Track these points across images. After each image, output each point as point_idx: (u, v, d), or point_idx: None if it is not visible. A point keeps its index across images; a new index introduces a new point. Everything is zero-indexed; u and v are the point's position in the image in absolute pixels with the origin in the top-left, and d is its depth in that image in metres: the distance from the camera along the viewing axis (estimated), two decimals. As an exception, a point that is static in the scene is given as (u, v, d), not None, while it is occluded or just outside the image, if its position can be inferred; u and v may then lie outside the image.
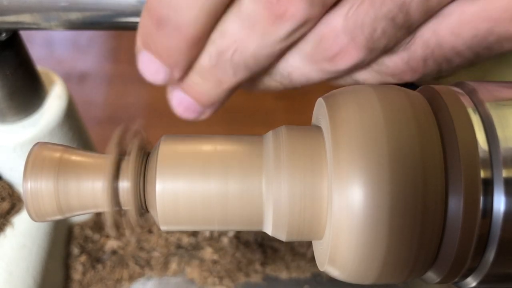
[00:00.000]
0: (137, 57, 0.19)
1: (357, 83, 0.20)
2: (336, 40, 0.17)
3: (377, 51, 0.17)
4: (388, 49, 0.17)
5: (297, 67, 0.18)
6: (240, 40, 0.17)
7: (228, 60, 0.18)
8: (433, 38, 0.17)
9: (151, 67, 0.18)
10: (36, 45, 1.30)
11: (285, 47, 0.17)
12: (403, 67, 0.18)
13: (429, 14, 0.16)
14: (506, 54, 0.18)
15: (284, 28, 0.16)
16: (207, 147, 0.16)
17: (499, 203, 0.14)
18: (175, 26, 0.16)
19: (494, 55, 0.17)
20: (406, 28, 0.16)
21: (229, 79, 0.18)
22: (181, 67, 0.18)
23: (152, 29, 0.17)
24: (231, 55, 0.17)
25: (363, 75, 0.19)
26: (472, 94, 0.15)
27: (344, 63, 0.17)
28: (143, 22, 0.18)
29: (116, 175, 0.16)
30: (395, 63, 0.18)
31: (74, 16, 0.20)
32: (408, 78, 0.19)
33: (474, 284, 0.15)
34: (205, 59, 0.18)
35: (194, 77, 0.19)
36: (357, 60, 0.17)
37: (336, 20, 0.16)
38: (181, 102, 0.20)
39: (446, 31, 0.17)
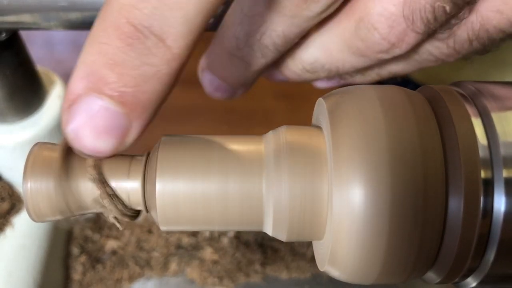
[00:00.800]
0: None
1: (395, 75, 0.20)
2: (393, 30, 0.16)
3: (431, 34, 0.17)
4: (442, 30, 0.17)
5: (347, 61, 0.18)
6: (269, 21, 0.17)
7: (257, 41, 0.17)
8: (478, 19, 0.16)
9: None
10: (36, 45, 1.30)
11: (314, 24, 0.17)
12: (449, 51, 0.18)
13: None
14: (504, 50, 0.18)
15: (316, 7, 0.16)
16: (207, 147, 0.16)
17: (500, 203, 0.14)
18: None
19: None
20: (467, 3, 0.16)
21: (257, 61, 0.18)
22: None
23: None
24: (260, 37, 0.17)
25: (403, 66, 0.19)
26: (472, 94, 0.15)
27: (397, 50, 0.17)
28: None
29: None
30: (440, 50, 0.18)
31: (74, 16, 0.20)
32: (451, 60, 0.18)
33: (474, 284, 0.15)
34: (233, 42, 0.18)
35: (222, 60, 0.19)
36: (412, 46, 0.17)
37: (390, 8, 0.16)
38: (211, 83, 0.20)
39: (491, 10, 0.16)
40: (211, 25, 0.20)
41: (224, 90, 0.20)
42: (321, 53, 0.18)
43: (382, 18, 0.16)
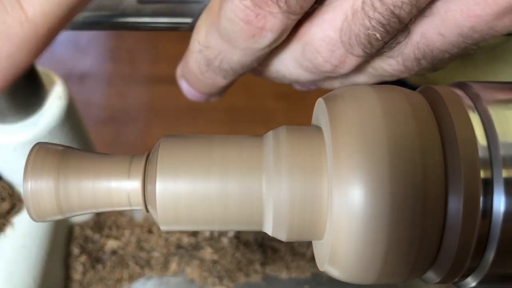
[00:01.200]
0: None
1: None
2: (333, 54, 0.18)
3: (373, 54, 0.18)
4: (384, 51, 0.18)
5: (301, 74, 0.20)
6: (224, 51, 0.18)
7: (217, 67, 0.19)
8: (422, 40, 0.17)
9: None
10: (36, 45, 1.30)
11: (269, 51, 0.18)
12: (400, 68, 0.19)
13: (420, 12, 0.17)
14: (497, 48, 0.18)
15: (264, 41, 0.17)
16: (207, 147, 0.16)
17: (499, 203, 0.14)
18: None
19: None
20: (400, 30, 0.17)
21: (221, 80, 0.20)
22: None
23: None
24: (219, 64, 0.19)
25: (362, 78, 0.20)
26: (472, 94, 0.15)
27: (342, 70, 0.18)
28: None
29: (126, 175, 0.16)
30: (392, 67, 0.19)
31: (74, 16, 0.20)
32: (406, 75, 0.19)
33: (474, 284, 0.15)
34: (195, 66, 0.20)
35: (191, 76, 0.21)
36: (354, 66, 0.18)
37: (330, 33, 0.17)
38: (187, 90, 0.22)
39: (433, 33, 0.17)
40: (189, 25, 0.21)
41: (198, 97, 0.22)
42: (281, 66, 0.20)
43: (323, 43, 0.18)
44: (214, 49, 0.18)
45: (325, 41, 0.17)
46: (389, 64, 0.19)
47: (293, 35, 0.18)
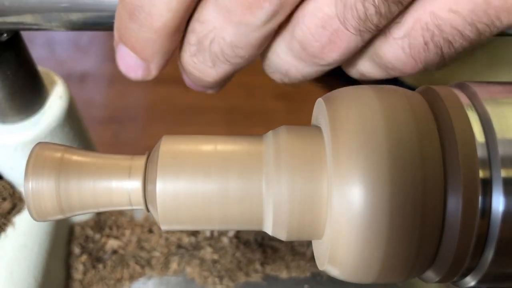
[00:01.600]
0: (115, 51, 0.19)
1: (362, 76, 0.20)
2: (324, 31, 0.16)
3: (369, 33, 0.17)
4: (380, 29, 0.17)
5: (292, 65, 0.18)
6: (217, 28, 0.17)
7: (207, 48, 0.18)
8: (432, 20, 0.16)
9: (129, 62, 0.19)
10: (37, 46, 1.30)
11: (263, 36, 0.17)
12: (405, 58, 0.18)
13: None
14: (496, 50, 0.18)
15: (260, 14, 0.16)
16: (208, 147, 0.16)
17: (498, 203, 0.14)
18: (147, 16, 0.17)
19: (495, 34, 0.17)
20: (400, 3, 0.16)
21: (210, 71, 0.19)
22: (156, 61, 0.19)
23: (126, 20, 0.18)
24: (209, 43, 0.18)
25: (368, 68, 0.19)
26: (471, 94, 0.16)
27: (331, 55, 0.17)
28: (118, 14, 0.18)
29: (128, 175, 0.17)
30: (395, 56, 0.18)
31: (75, 16, 0.20)
32: (410, 69, 0.18)
33: (473, 283, 0.16)
34: (186, 49, 0.19)
35: (188, 66, 0.19)
36: (345, 50, 0.17)
37: (323, 7, 0.16)
38: (188, 81, 0.22)
39: (444, 10, 0.16)
40: None
41: (200, 89, 0.22)
42: (271, 54, 0.19)
43: (315, 19, 0.16)
44: (207, 24, 0.17)
45: (317, 16, 0.16)
46: (393, 53, 0.18)
47: (287, 19, 0.17)
